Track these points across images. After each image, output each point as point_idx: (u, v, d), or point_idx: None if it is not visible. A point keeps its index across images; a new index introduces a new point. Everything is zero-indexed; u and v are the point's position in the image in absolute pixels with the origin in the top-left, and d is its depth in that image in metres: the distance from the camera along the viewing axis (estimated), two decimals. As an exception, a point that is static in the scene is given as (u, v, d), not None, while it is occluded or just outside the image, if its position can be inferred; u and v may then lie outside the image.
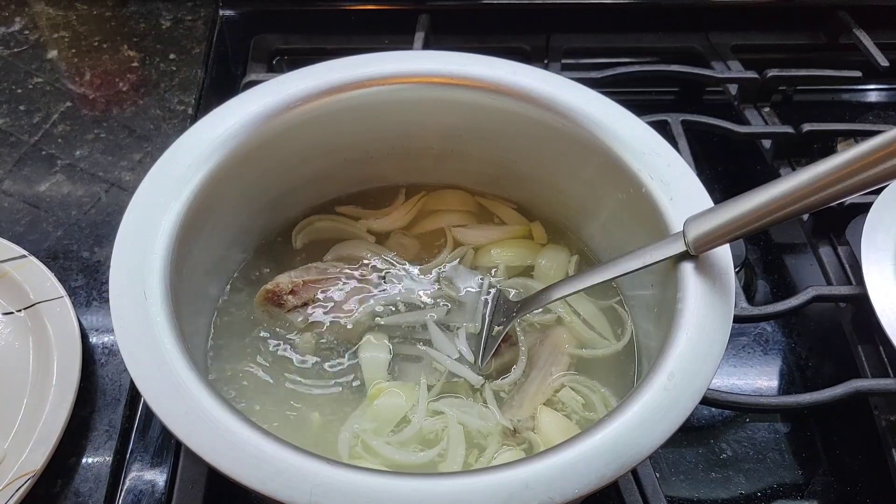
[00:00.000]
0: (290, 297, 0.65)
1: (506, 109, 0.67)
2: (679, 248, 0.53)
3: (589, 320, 0.67)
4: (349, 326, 0.65)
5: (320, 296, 0.66)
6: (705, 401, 0.64)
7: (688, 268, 0.54)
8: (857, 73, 0.96)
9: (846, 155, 0.44)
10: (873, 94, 1.05)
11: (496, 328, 0.65)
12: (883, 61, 0.96)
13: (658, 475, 0.62)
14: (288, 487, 0.43)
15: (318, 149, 0.69)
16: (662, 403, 0.47)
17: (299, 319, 0.65)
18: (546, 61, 1.03)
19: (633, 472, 0.61)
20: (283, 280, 0.66)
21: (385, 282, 0.69)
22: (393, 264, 0.71)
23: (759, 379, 0.74)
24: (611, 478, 0.44)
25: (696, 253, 0.53)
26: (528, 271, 0.71)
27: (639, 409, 0.47)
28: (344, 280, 0.68)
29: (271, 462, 0.44)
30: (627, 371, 0.64)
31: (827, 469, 0.67)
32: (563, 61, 1.02)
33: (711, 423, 0.70)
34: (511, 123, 0.68)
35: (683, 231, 0.53)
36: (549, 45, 1.05)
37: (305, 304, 0.66)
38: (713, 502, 0.65)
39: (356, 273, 0.69)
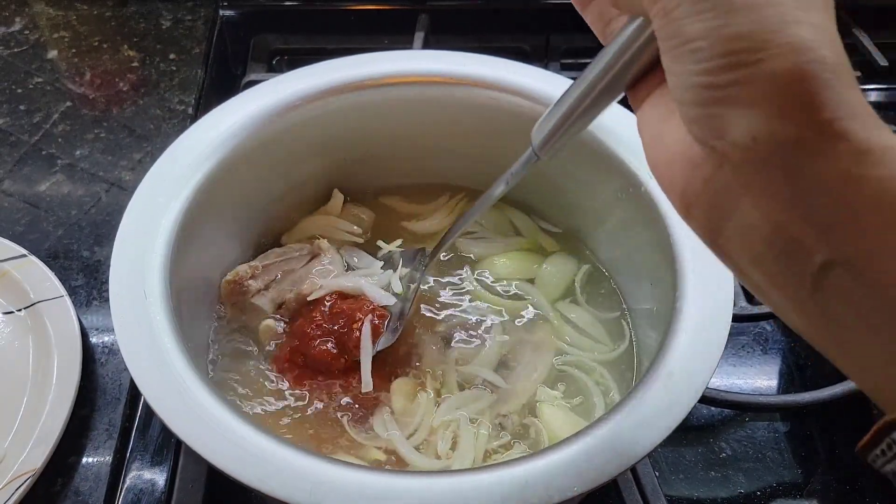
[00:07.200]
0: (251, 281, 0.65)
1: (505, 109, 0.67)
2: (531, 157, 0.50)
3: (586, 329, 0.67)
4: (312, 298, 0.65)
5: (281, 276, 0.67)
6: (704, 400, 0.64)
7: (687, 267, 0.54)
8: (857, 73, 0.96)
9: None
10: (873, 93, 1.05)
11: (416, 277, 0.66)
12: (882, 61, 0.96)
13: (657, 474, 0.62)
14: (288, 486, 0.43)
15: (318, 148, 0.70)
16: (661, 402, 0.47)
17: (265, 302, 0.65)
18: (546, 61, 1.03)
19: (633, 470, 0.61)
20: (242, 268, 0.66)
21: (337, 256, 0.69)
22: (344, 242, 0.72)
23: (758, 378, 0.74)
24: (610, 476, 0.44)
25: (544, 157, 0.49)
26: (532, 282, 0.71)
27: (638, 408, 0.47)
28: (302, 258, 0.69)
29: (271, 460, 0.44)
30: (627, 370, 0.64)
31: (826, 468, 0.67)
32: (563, 61, 1.02)
33: (711, 422, 0.70)
34: (511, 123, 0.68)
35: (531, 139, 0.49)
36: (548, 45, 1.05)
37: (268, 287, 0.66)
38: (713, 501, 0.65)
39: (310, 251, 0.69)
